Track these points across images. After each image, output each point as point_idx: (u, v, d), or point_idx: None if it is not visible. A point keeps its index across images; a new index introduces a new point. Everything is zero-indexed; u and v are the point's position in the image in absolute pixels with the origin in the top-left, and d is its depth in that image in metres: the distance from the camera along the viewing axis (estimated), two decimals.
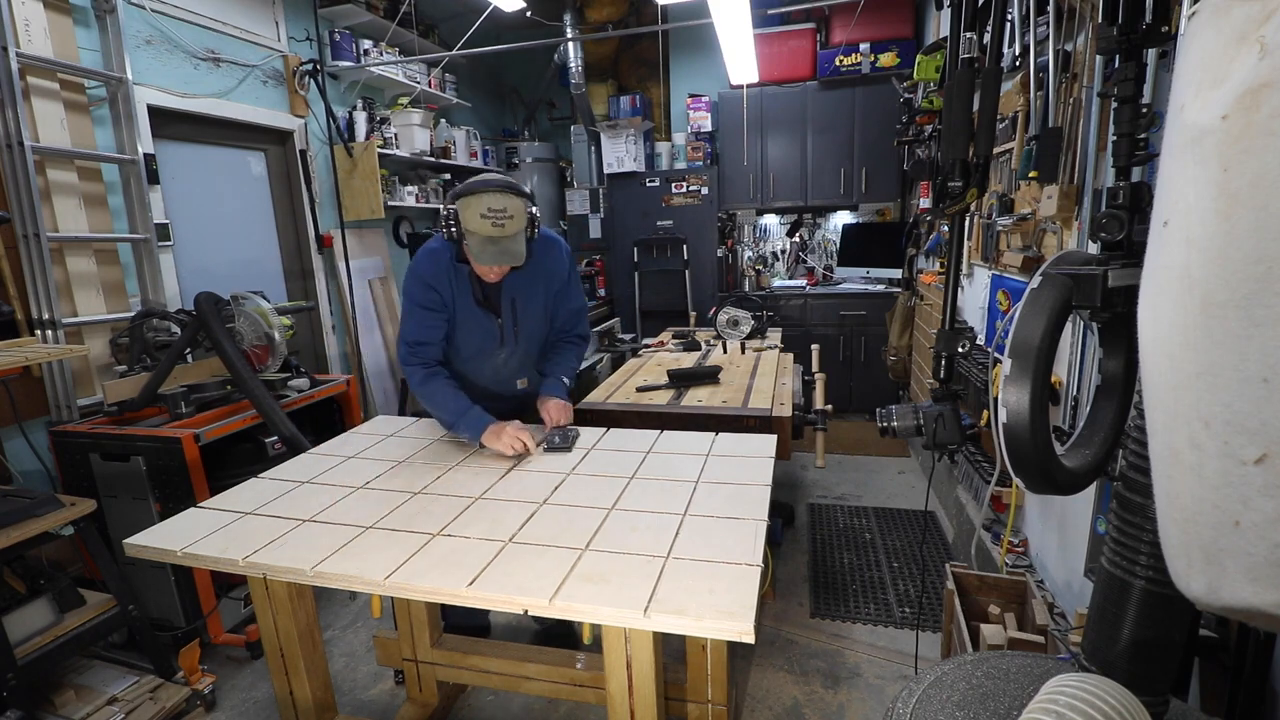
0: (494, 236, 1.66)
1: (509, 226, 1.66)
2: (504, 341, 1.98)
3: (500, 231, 1.65)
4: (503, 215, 1.65)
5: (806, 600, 2.59)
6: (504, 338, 1.98)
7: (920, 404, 1.47)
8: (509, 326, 1.96)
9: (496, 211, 1.64)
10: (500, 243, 1.67)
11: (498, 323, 1.95)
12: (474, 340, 1.97)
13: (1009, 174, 2.49)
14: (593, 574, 1.18)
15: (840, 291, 4.92)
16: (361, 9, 3.92)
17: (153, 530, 1.42)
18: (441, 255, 1.85)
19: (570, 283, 2.04)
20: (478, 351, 2.00)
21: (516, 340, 1.99)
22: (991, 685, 1.15)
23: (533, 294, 1.95)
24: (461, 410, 1.82)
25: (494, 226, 1.65)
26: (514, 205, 1.67)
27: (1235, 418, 0.61)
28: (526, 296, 1.94)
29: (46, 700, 1.88)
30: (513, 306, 1.94)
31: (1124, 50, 1.16)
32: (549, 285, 1.97)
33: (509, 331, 1.97)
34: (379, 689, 2.20)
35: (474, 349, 1.99)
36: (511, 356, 2.03)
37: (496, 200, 1.65)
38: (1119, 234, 1.15)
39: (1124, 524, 0.99)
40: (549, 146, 5.66)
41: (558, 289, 2.01)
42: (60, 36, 2.48)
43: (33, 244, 2.30)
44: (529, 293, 1.94)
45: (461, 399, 1.85)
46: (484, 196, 1.65)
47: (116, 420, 2.35)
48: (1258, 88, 0.57)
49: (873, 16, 4.49)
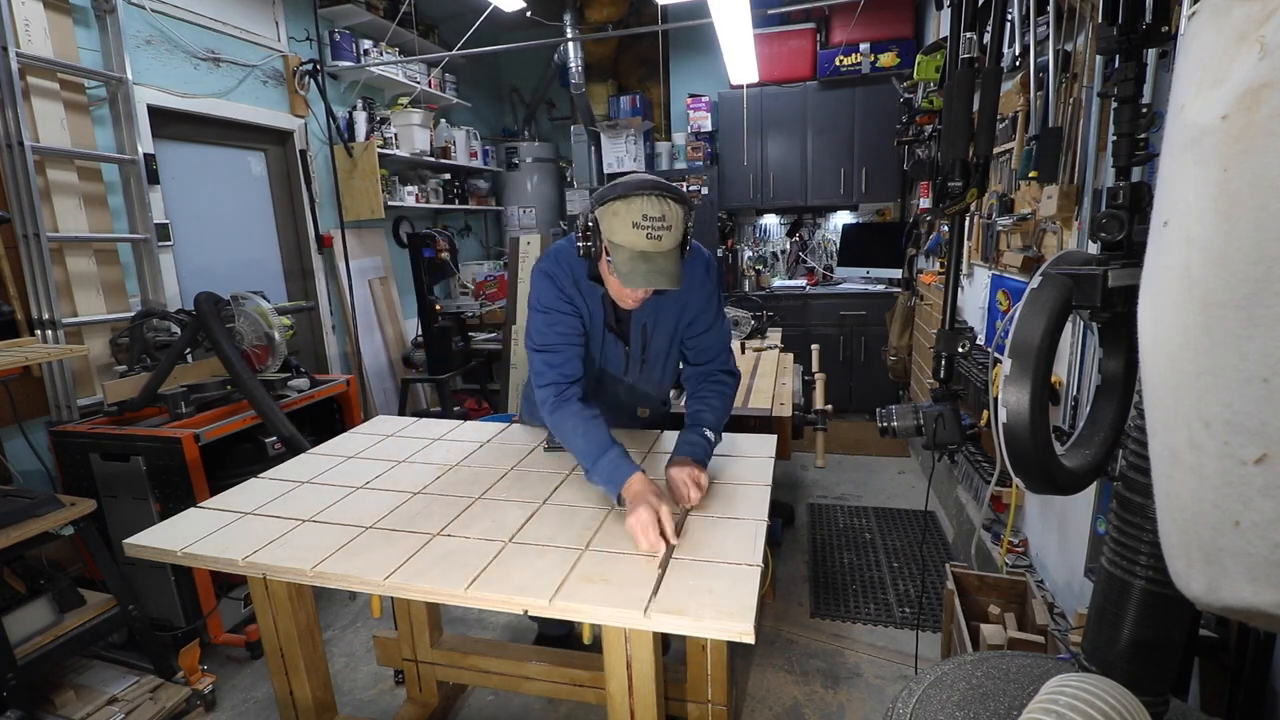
0: (648, 252, 1.35)
1: (666, 240, 1.35)
2: (628, 370, 1.73)
3: (656, 246, 1.35)
4: (660, 225, 1.33)
5: (806, 600, 2.59)
6: (629, 366, 1.72)
7: (920, 404, 1.47)
8: (636, 354, 1.69)
9: (654, 220, 1.33)
10: (654, 260, 1.36)
11: (625, 350, 1.69)
12: (600, 365, 1.73)
13: (1009, 174, 2.49)
14: (593, 574, 1.18)
15: (840, 291, 4.92)
16: (361, 9, 3.92)
17: (153, 530, 1.42)
18: (577, 265, 1.57)
19: (715, 307, 1.68)
20: (598, 379, 1.75)
21: (643, 369, 1.73)
22: (991, 685, 1.15)
23: (667, 316, 1.64)
24: (597, 452, 1.43)
25: (649, 239, 1.34)
26: (673, 213, 1.36)
27: (1235, 418, 0.61)
28: (659, 320, 1.64)
29: (46, 700, 1.88)
30: (643, 331, 1.66)
31: (1124, 50, 1.16)
32: (687, 306, 1.64)
33: (635, 359, 1.70)
34: (379, 689, 2.20)
35: (595, 376, 1.74)
36: (636, 385, 1.77)
37: (654, 206, 1.33)
38: (1119, 234, 1.15)
39: (1124, 524, 0.99)
40: (549, 146, 5.67)
41: (696, 313, 1.66)
42: (60, 36, 2.48)
43: (33, 244, 2.30)
44: (662, 315, 1.64)
45: (598, 434, 1.46)
46: (638, 200, 1.34)
47: (116, 420, 2.35)
48: (1258, 88, 0.57)
49: (873, 16, 4.49)
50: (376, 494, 1.57)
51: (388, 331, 4.46)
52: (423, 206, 4.63)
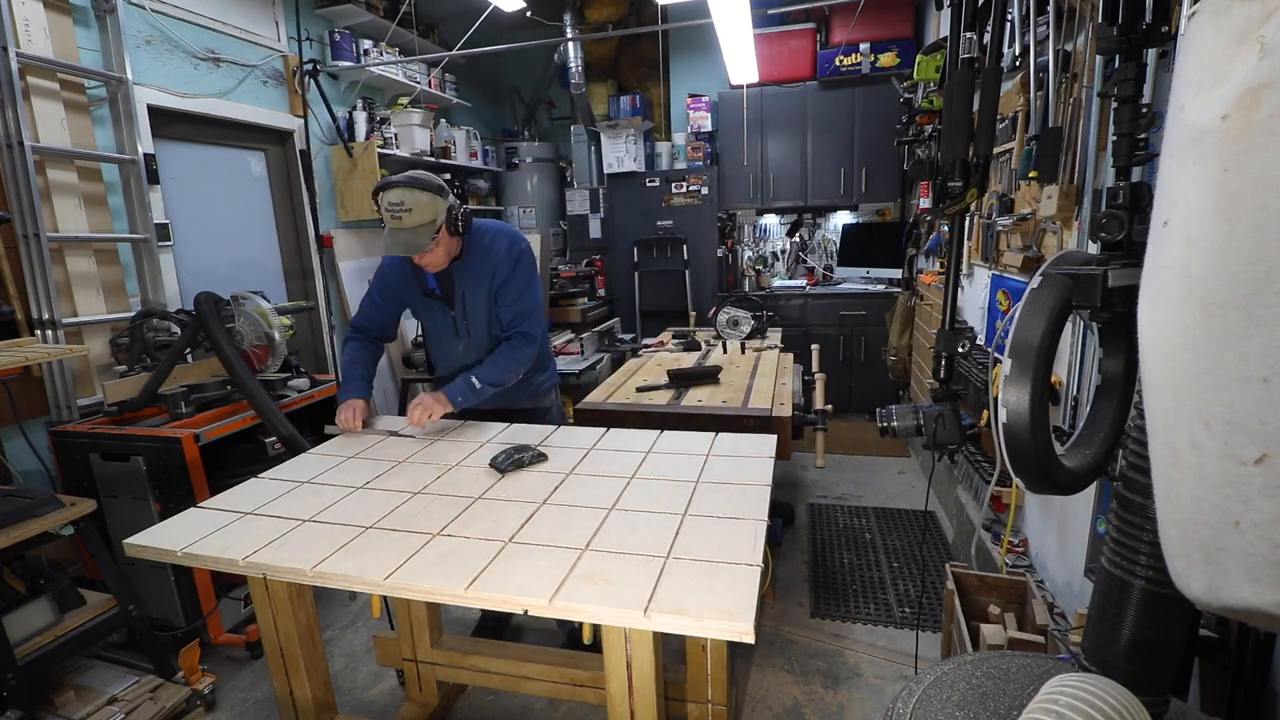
0: (393, 229, 1.83)
1: (406, 220, 1.81)
2: (458, 333, 2.10)
3: (399, 224, 1.82)
4: (400, 209, 1.80)
5: (806, 600, 2.59)
6: (458, 329, 2.10)
7: (920, 404, 1.47)
8: (460, 318, 2.07)
9: (395, 205, 1.81)
10: (398, 234, 1.82)
11: (451, 315, 2.08)
12: (434, 330, 2.16)
13: (1009, 174, 2.49)
14: (593, 574, 1.18)
15: (840, 291, 4.92)
16: (361, 9, 3.92)
17: (153, 530, 1.42)
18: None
19: (512, 277, 2.04)
20: (438, 342, 2.18)
21: (469, 332, 2.09)
22: (991, 685, 1.15)
23: (477, 287, 2.04)
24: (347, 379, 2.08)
25: (393, 219, 1.82)
26: (413, 199, 1.81)
27: (1235, 418, 0.61)
28: (473, 289, 2.04)
29: (46, 700, 1.88)
30: (463, 300, 2.05)
31: (1124, 50, 1.16)
32: (492, 279, 2.03)
33: (460, 324, 2.08)
34: (379, 689, 2.20)
35: (435, 339, 2.18)
36: (468, 350, 2.12)
37: (396, 195, 1.81)
38: (1119, 234, 1.15)
39: (1124, 524, 0.99)
40: (549, 146, 5.67)
41: (499, 283, 2.04)
42: (60, 36, 2.48)
43: (33, 244, 2.30)
44: (474, 286, 2.03)
45: (353, 367, 2.10)
46: (388, 193, 1.82)
47: (116, 420, 2.35)
48: (1258, 88, 0.57)
49: (873, 16, 4.49)
50: (376, 494, 1.57)
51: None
52: None
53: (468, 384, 1.98)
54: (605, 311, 5.43)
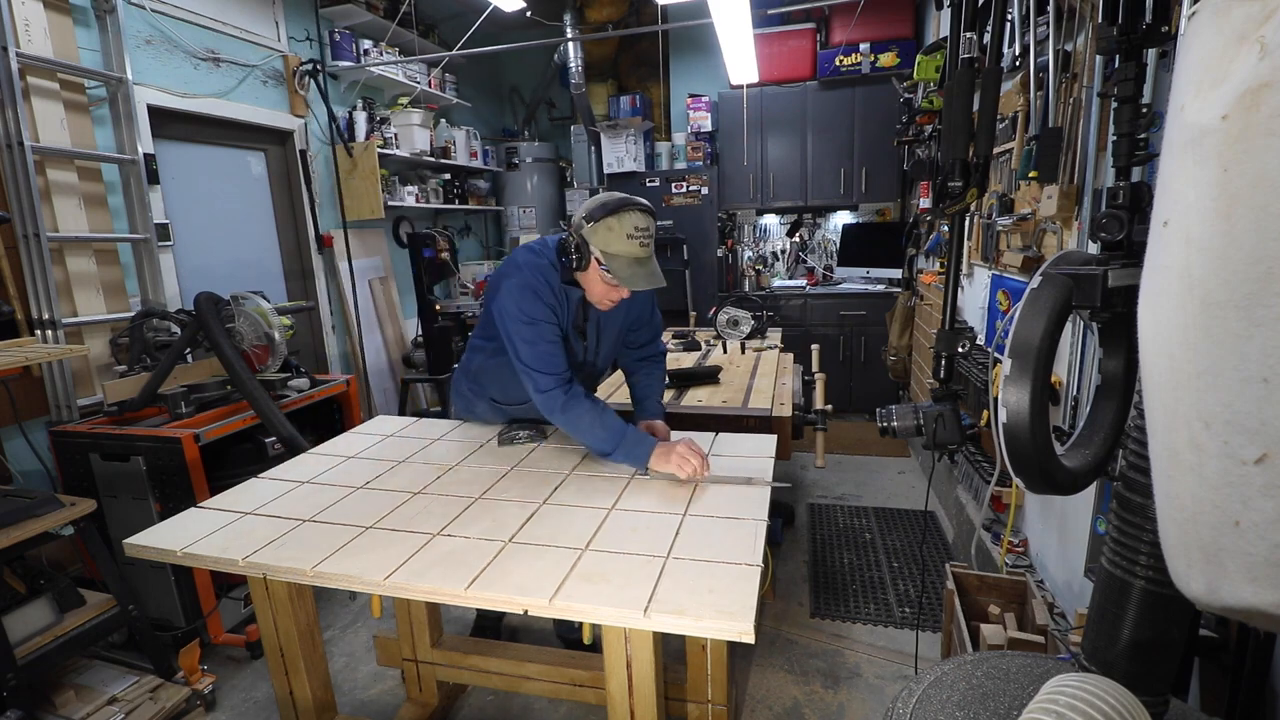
0: (642, 258, 1.56)
1: (651, 247, 1.58)
2: (581, 364, 1.89)
3: (647, 252, 1.57)
4: (647, 235, 1.55)
5: (806, 600, 2.59)
6: (584, 357, 1.89)
7: (920, 404, 1.47)
8: (592, 347, 1.87)
9: (643, 231, 1.54)
10: (647, 264, 1.58)
11: (582, 344, 1.85)
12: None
13: (1009, 174, 2.49)
14: (593, 574, 1.18)
15: (840, 291, 4.92)
16: (361, 9, 3.92)
17: (153, 530, 1.42)
18: (551, 274, 1.68)
19: (652, 298, 1.94)
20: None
21: (595, 358, 1.91)
22: (991, 685, 1.15)
23: (615, 316, 1.82)
24: (617, 434, 1.61)
25: (642, 247, 1.55)
26: (652, 225, 1.59)
27: (1235, 418, 0.61)
28: (609, 319, 1.84)
29: (46, 700, 1.87)
30: (597, 328, 1.85)
31: (1124, 50, 1.16)
32: (631, 304, 1.80)
33: (589, 355, 1.89)
34: (379, 689, 2.20)
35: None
36: (581, 370, 1.90)
37: (642, 219, 1.55)
38: (1119, 234, 1.15)
39: (1124, 524, 0.99)
40: (549, 146, 5.67)
41: (640, 307, 1.89)
42: (60, 36, 2.48)
43: (33, 244, 2.30)
44: (612, 315, 1.81)
45: (611, 420, 1.63)
46: (629, 215, 1.54)
47: (116, 420, 2.35)
48: (1258, 88, 0.57)
49: (873, 16, 4.49)
50: (376, 494, 1.57)
51: (388, 331, 4.46)
52: (423, 206, 4.63)
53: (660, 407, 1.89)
54: None
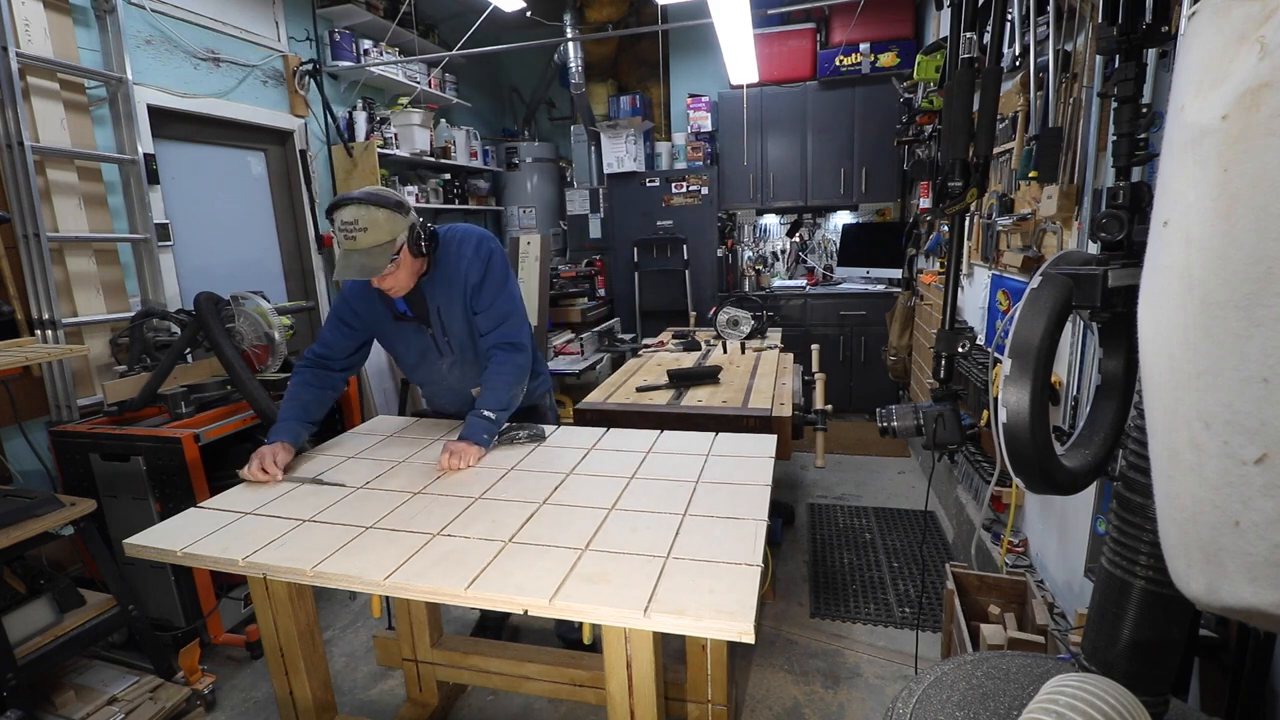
0: (347, 250, 1.67)
1: (361, 240, 1.65)
2: (441, 352, 1.96)
3: (353, 245, 1.66)
4: (354, 228, 1.64)
5: (806, 600, 2.59)
6: (440, 348, 1.95)
7: (920, 404, 1.47)
8: (439, 336, 1.92)
9: (348, 224, 1.65)
10: (352, 256, 1.66)
11: (429, 333, 1.92)
12: (412, 354, 1.99)
13: (1009, 174, 2.49)
14: (593, 574, 1.18)
15: (840, 291, 4.92)
16: (361, 9, 3.92)
17: (153, 530, 1.42)
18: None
19: (486, 281, 1.88)
20: (419, 364, 2.01)
21: (452, 348, 1.95)
22: (991, 685, 1.15)
23: (450, 297, 1.88)
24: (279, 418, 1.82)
25: (346, 239, 1.66)
26: (368, 217, 1.65)
27: (1235, 418, 0.61)
28: (446, 301, 1.88)
29: (46, 700, 1.87)
30: (439, 316, 1.89)
31: (1124, 50, 1.16)
32: (465, 286, 1.87)
33: (441, 341, 1.93)
34: (379, 689, 2.20)
35: (415, 362, 2.01)
36: (453, 366, 1.99)
37: (349, 213, 1.66)
38: (1119, 234, 1.15)
39: (1124, 524, 0.99)
40: (549, 146, 5.67)
41: (471, 289, 1.87)
42: (60, 36, 2.48)
43: (33, 244, 2.30)
44: (447, 296, 1.87)
45: (291, 406, 1.84)
46: (340, 211, 1.67)
47: (116, 420, 2.35)
48: (1258, 88, 0.57)
49: (873, 16, 4.50)
50: (376, 494, 1.57)
51: None
52: (423, 206, 4.63)
53: (483, 420, 1.80)
54: (605, 311, 5.43)
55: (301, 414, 1.83)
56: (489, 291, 1.88)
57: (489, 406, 1.82)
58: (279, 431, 1.77)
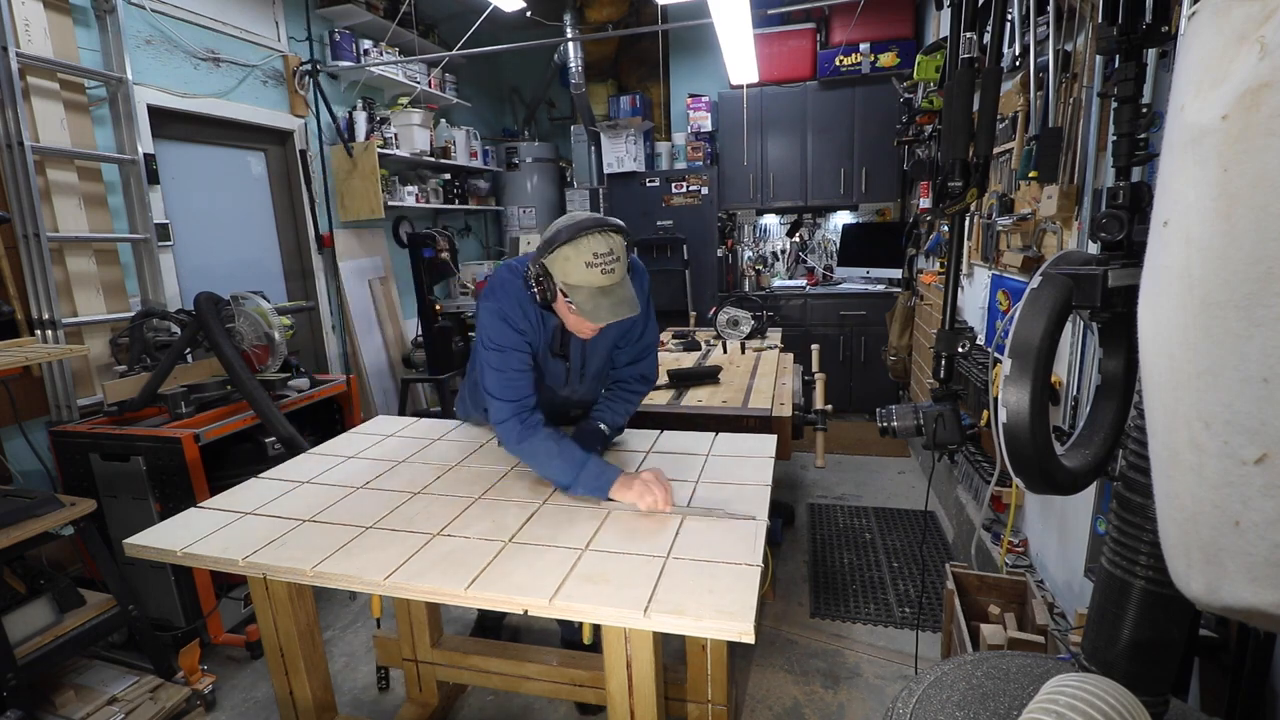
0: (605, 286, 1.40)
1: (618, 271, 1.41)
2: (568, 383, 1.78)
3: (611, 279, 1.40)
4: (610, 259, 1.38)
5: (806, 600, 2.59)
6: (569, 380, 1.77)
7: (920, 404, 1.47)
8: (575, 370, 1.75)
9: (604, 256, 1.38)
10: (613, 292, 1.41)
11: (565, 366, 1.73)
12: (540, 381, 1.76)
13: (1009, 174, 2.49)
14: (593, 574, 1.18)
15: (840, 291, 4.92)
16: (361, 9, 3.92)
17: (153, 530, 1.42)
18: (524, 296, 1.56)
19: (647, 313, 1.73)
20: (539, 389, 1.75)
21: (581, 381, 1.79)
22: (991, 685, 1.15)
23: (605, 333, 1.64)
24: (576, 465, 1.49)
25: (604, 275, 1.38)
26: (617, 245, 1.41)
27: (1235, 418, 0.61)
28: (599, 336, 1.65)
29: (46, 700, 1.87)
30: (582, 349, 1.70)
31: (1124, 50, 1.16)
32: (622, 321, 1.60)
33: (575, 375, 1.76)
34: (379, 689, 2.20)
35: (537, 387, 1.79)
36: (571, 396, 1.83)
37: (601, 243, 1.38)
38: (1119, 234, 1.15)
39: (1124, 524, 0.99)
40: (549, 146, 5.67)
41: (630, 324, 1.68)
42: (60, 36, 2.48)
43: (33, 244, 2.30)
44: (603, 332, 1.62)
45: (571, 450, 1.51)
46: (585, 241, 1.38)
47: (116, 420, 2.35)
48: (1258, 88, 0.57)
49: (873, 16, 4.49)
50: (376, 494, 1.57)
51: (388, 331, 4.46)
52: (423, 206, 4.63)
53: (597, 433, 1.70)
54: None
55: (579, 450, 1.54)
56: (641, 322, 1.72)
57: (608, 423, 1.73)
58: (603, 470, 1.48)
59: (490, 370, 1.56)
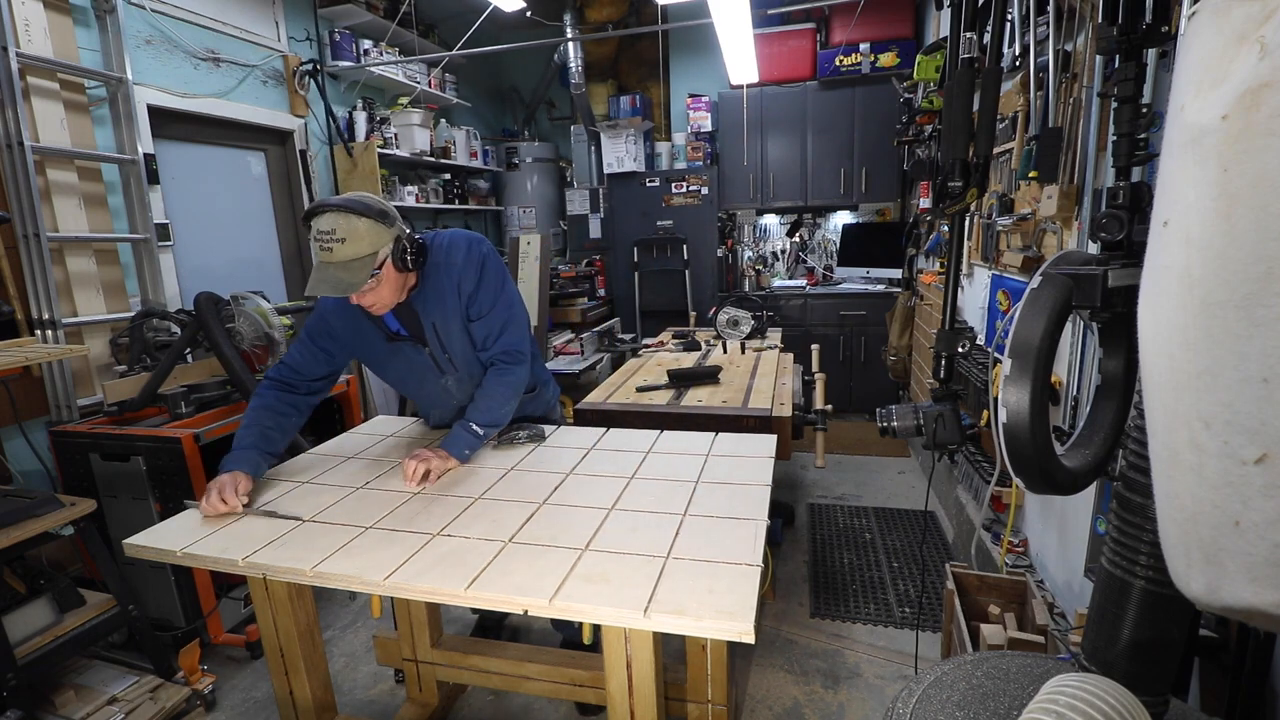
0: (323, 262, 1.49)
1: (338, 251, 1.47)
2: (442, 369, 1.79)
3: (329, 256, 1.47)
4: (330, 238, 1.46)
5: (806, 600, 2.59)
6: (440, 366, 1.79)
7: (920, 404, 1.47)
8: (439, 353, 1.76)
9: (325, 234, 1.47)
10: (328, 269, 1.48)
11: (427, 352, 1.76)
12: (411, 376, 1.84)
13: (1009, 174, 2.49)
14: (593, 574, 1.18)
15: (840, 291, 4.92)
16: (361, 9, 3.92)
17: (153, 530, 1.42)
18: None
19: (480, 288, 1.72)
20: (420, 385, 1.86)
21: (454, 365, 1.79)
22: (991, 685, 1.15)
23: (446, 312, 1.71)
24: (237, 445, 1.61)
25: (322, 250, 1.48)
26: (347, 226, 1.47)
27: (1235, 418, 0.61)
28: (441, 315, 1.71)
29: (46, 700, 1.88)
30: (435, 332, 1.73)
31: (1124, 50, 1.16)
32: (459, 294, 1.71)
33: (441, 359, 1.77)
34: (379, 689, 2.20)
35: (415, 383, 1.86)
36: (459, 384, 1.83)
37: (326, 221, 1.47)
38: (1119, 234, 1.15)
39: (1124, 524, 0.99)
40: (549, 146, 5.67)
41: (466, 297, 1.72)
42: (60, 36, 2.48)
43: (33, 244, 2.30)
44: (442, 309, 1.70)
45: (249, 433, 1.63)
46: (317, 219, 1.48)
47: (116, 420, 2.35)
48: (1258, 88, 0.57)
49: (873, 16, 4.50)
50: (376, 494, 1.57)
51: None
52: (423, 206, 4.63)
53: (469, 432, 1.69)
54: (605, 311, 5.44)
55: (262, 443, 1.63)
56: (484, 298, 1.73)
57: (478, 421, 1.71)
58: (237, 461, 1.57)
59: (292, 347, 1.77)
